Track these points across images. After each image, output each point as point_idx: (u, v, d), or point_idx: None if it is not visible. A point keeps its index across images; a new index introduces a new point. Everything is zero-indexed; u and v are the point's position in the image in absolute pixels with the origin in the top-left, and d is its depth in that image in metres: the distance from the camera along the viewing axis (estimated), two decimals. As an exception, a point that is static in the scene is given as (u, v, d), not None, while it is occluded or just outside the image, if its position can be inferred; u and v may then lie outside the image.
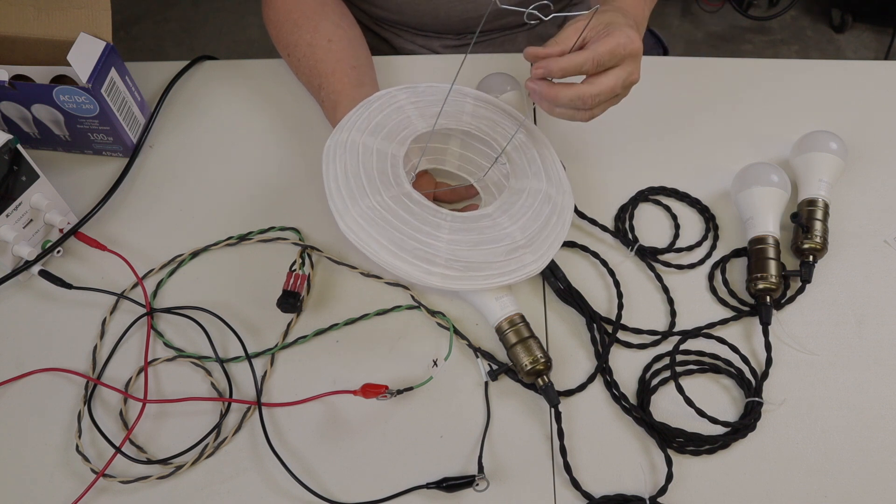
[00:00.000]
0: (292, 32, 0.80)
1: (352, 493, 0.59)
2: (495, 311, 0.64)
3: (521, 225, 0.65)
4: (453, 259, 0.62)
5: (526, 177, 0.69)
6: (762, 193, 0.69)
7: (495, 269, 0.63)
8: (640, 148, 0.79)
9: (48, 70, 0.74)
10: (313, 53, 0.78)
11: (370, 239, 0.62)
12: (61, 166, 0.79)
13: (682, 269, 0.71)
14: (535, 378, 0.61)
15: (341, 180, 0.64)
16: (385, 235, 0.62)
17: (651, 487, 0.59)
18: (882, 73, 0.85)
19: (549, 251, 0.66)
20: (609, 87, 0.62)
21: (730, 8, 2.14)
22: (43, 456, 0.61)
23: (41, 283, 0.70)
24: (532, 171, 0.69)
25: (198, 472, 0.60)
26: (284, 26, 0.81)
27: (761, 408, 0.62)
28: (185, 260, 0.72)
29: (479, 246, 0.63)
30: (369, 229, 0.62)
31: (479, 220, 0.65)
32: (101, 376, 0.65)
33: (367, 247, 0.62)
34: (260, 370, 0.65)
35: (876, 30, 2.11)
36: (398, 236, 0.62)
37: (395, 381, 0.64)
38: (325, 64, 0.77)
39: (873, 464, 0.60)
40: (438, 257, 0.62)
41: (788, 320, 0.67)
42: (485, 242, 0.63)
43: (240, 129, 0.82)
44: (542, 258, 0.65)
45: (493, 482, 0.59)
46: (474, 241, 0.63)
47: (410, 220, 0.63)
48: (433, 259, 0.62)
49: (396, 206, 0.63)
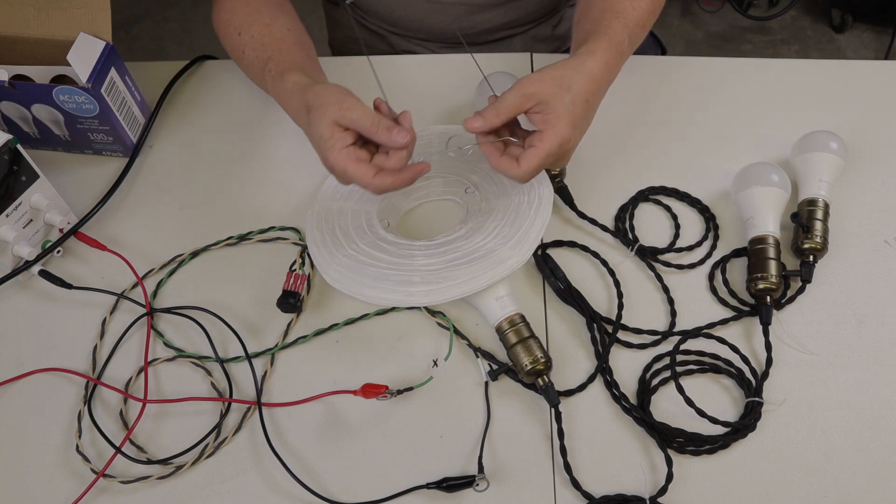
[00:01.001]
0: (250, 14, 0.76)
1: (352, 493, 0.59)
2: (495, 311, 0.64)
3: (494, 236, 0.66)
4: (430, 273, 0.64)
5: (496, 197, 0.69)
6: (762, 193, 0.69)
7: (474, 273, 0.63)
8: (640, 148, 0.79)
9: (48, 70, 0.74)
10: (270, 32, 0.75)
11: (352, 282, 0.65)
12: (61, 166, 0.79)
13: (683, 269, 0.71)
14: (535, 378, 0.61)
15: (319, 241, 0.69)
16: (365, 274, 0.65)
17: (651, 487, 0.59)
18: (882, 73, 0.85)
19: (529, 243, 0.65)
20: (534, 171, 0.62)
21: (730, 8, 2.14)
22: (43, 456, 0.61)
23: (41, 283, 0.70)
24: (500, 190, 0.70)
25: (198, 472, 0.60)
26: (242, 11, 0.77)
27: (761, 408, 0.62)
28: (185, 260, 0.72)
29: (454, 263, 0.64)
30: (350, 274, 0.65)
31: (451, 243, 0.66)
32: (101, 376, 0.65)
33: (350, 289, 0.65)
34: (260, 370, 0.65)
35: (876, 30, 2.10)
36: (377, 272, 0.65)
37: (395, 381, 0.64)
38: (281, 42, 0.74)
39: (873, 464, 0.60)
40: (415, 277, 0.64)
41: (788, 320, 0.67)
42: (460, 259, 0.64)
43: (240, 129, 0.82)
44: (523, 250, 0.64)
45: (493, 482, 0.59)
46: (449, 260, 0.64)
47: (385, 257, 0.66)
48: (410, 280, 0.63)
49: (371, 249, 0.67)
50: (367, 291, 0.64)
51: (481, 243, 0.65)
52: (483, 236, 0.66)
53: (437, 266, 0.64)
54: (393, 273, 0.64)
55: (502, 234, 0.65)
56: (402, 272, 0.64)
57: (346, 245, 0.68)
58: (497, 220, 0.67)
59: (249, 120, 0.83)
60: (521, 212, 0.66)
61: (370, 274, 0.65)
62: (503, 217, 0.67)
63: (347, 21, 1.00)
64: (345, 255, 0.67)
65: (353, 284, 0.65)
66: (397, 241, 0.68)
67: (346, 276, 0.66)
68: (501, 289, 0.64)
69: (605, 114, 0.82)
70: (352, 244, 0.68)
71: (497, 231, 0.66)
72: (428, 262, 0.65)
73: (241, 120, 0.83)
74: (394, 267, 0.65)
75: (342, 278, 0.66)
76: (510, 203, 0.68)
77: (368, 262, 0.66)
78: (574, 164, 0.76)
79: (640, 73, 0.86)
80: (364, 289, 0.64)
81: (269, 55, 0.73)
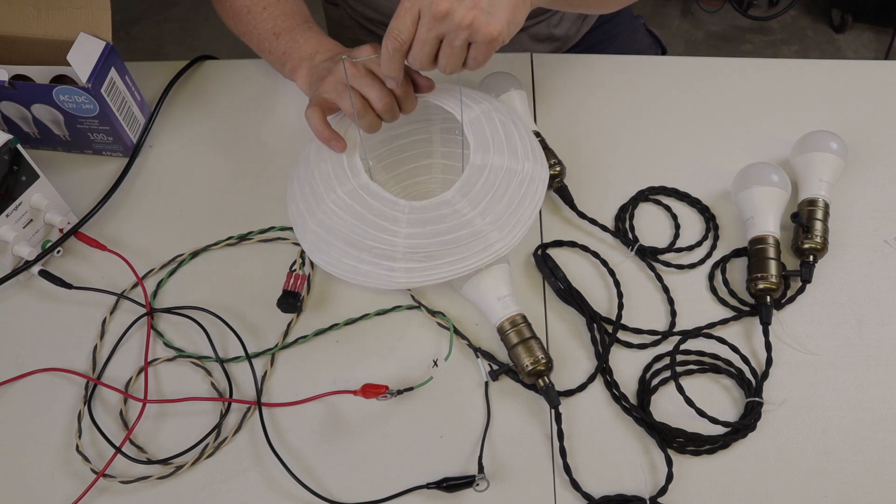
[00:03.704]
0: None
1: (352, 493, 0.59)
2: (497, 311, 0.64)
3: (482, 209, 0.62)
4: (412, 252, 0.61)
5: (487, 151, 0.65)
6: (762, 193, 0.69)
7: (459, 254, 0.61)
8: (640, 148, 0.79)
9: (48, 70, 0.74)
10: (279, 4, 0.77)
11: (329, 248, 0.62)
12: (61, 166, 0.79)
13: (683, 269, 0.70)
14: (535, 379, 0.61)
15: (298, 196, 0.65)
16: (342, 239, 0.62)
17: (651, 487, 0.59)
18: (882, 73, 0.85)
19: (518, 228, 0.64)
20: (404, 9, 0.56)
21: (730, 8, 2.14)
22: (43, 456, 0.61)
23: (41, 283, 0.70)
24: (494, 142, 0.65)
25: (198, 472, 0.60)
26: None
27: (761, 408, 0.62)
28: (185, 260, 0.72)
29: (439, 236, 0.62)
30: (327, 237, 0.62)
31: (438, 208, 0.62)
32: (101, 376, 0.65)
33: (327, 260, 0.62)
34: (260, 370, 0.65)
35: (876, 30, 2.10)
36: (355, 237, 0.62)
37: (395, 381, 0.64)
38: (292, 18, 0.76)
39: (873, 464, 0.60)
40: (398, 252, 0.61)
41: (789, 320, 0.67)
42: (444, 233, 0.62)
43: (240, 129, 0.82)
44: (510, 235, 0.63)
45: (493, 482, 0.59)
46: (433, 233, 0.62)
47: (367, 215, 0.62)
48: (392, 255, 0.61)
49: (352, 202, 0.62)
50: (345, 261, 0.62)
51: (468, 217, 0.62)
52: (470, 207, 0.62)
53: (421, 239, 0.61)
54: (375, 245, 0.61)
55: (489, 211, 0.62)
56: (386, 246, 0.61)
57: (324, 193, 0.63)
58: (487, 187, 0.63)
59: (249, 120, 0.83)
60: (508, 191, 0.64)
61: (348, 240, 0.62)
62: (493, 186, 0.63)
63: (348, 22, 1.00)
64: (323, 213, 0.63)
65: (331, 251, 0.62)
66: (381, 193, 0.62)
67: (322, 241, 0.63)
68: (504, 288, 0.64)
69: (605, 114, 0.82)
70: (331, 192, 0.63)
71: (485, 204, 0.62)
72: (411, 232, 0.61)
73: (241, 120, 0.83)
74: (375, 236, 0.61)
75: (318, 242, 0.63)
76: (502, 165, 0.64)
77: (348, 220, 0.62)
78: (574, 164, 0.76)
79: (640, 73, 0.86)
80: (343, 258, 0.62)
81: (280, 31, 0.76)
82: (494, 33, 0.55)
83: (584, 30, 1.00)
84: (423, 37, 0.56)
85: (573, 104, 0.83)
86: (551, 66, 0.86)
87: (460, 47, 0.56)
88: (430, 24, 0.55)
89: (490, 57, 0.57)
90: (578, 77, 0.85)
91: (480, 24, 0.54)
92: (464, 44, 0.56)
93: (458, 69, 0.58)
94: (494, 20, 0.55)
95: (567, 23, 0.97)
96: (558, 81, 0.85)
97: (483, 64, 0.58)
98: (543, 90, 0.84)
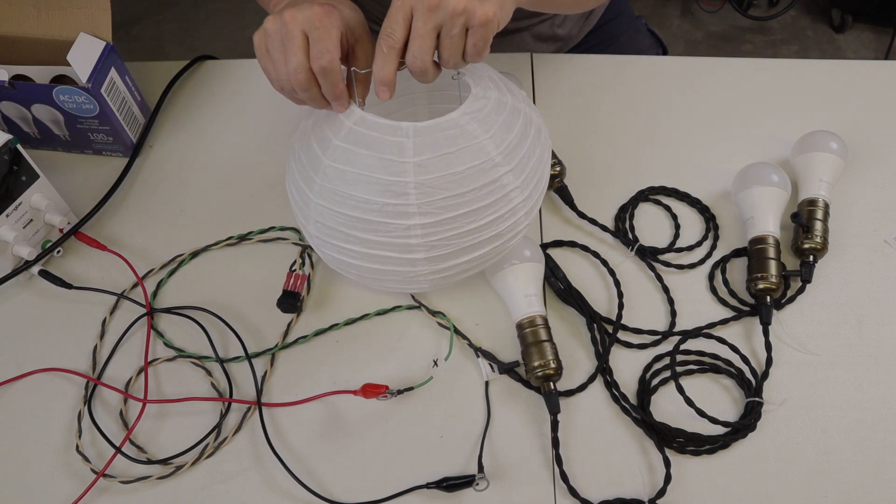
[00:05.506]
0: None
1: (352, 493, 0.59)
2: (522, 308, 0.64)
3: (494, 136, 0.57)
4: (424, 189, 0.56)
5: (488, 88, 0.60)
6: (762, 193, 0.69)
7: (478, 202, 0.57)
8: (640, 148, 0.79)
9: (48, 70, 0.74)
10: None
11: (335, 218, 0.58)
12: (61, 166, 0.79)
13: (683, 269, 0.71)
14: (542, 382, 0.61)
15: (297, 174, 0.61)
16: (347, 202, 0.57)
17: (650, 489, 0.59)
18: (882, 73, 0.85)
19: (538, 188, 0.60)
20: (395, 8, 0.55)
21: (730, 8, 2.14)
22: (43, 456, 0.61)
23: (41, 283, 0.70)
24: (494, 84, 0.62)
25: (198, 472, 0.60)
26: None
27: (761, 408, 0.62)
28: (185, 260, 0.72)
29: (450, 162, 0.56)
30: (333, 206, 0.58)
31: (445, 128, 0.56)
32: (102, 376, 0.65)
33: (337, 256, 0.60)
34: (260, 370, 0.65)
35: (876, 30, 2.10)
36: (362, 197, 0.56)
37: (395, 381, 0.64)
38: None
39: (873, 464, 0.60)
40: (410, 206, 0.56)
41: (789, 320, 0.67)
42: (456, 156, 0.56)
43: (240, 129, 0.82)
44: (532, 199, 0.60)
45: (493, 482, 0.59)
46: (444, 156, 0.56)
47: (369, 155, 0.56)
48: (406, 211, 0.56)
49: (351, 146, 0.57)
50: (357, 248, 0.59)
51: (481, 141, 0.57)
52: (482, 130, 0.57)
53: (432, 172, 0.56)
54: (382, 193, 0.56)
55: (502, 140, 0.58)
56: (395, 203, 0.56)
57: (320, 153, 0.58)
58: (494, 114, 0.59)
59: (249, 120, 0.83)
60: (517, 124, 0.60)
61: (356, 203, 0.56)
62: (500, 115, 0.59)
63: None
64: (323, 178, 0.58)
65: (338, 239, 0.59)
66: (379, 121, 0.57)
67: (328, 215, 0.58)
68: (532, 287, 0.65)
69: (605, 113, 0.82)
70: (326, 149, 0.58)
71: (496, 130, 0.58)
72: (419, 161, 0.55)
73: (241, 120, 0.83)
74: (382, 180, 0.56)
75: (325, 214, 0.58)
76: (507, 101, 0.61)
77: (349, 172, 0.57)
78: (574, 164, 0.76)
79: (640, 73, 0.86)
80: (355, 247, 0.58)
81: None
82: (490, 14, 0.55)
83: (586, 29, 1.00)
84: (421, 31, 0.56)
85: (573, 104, 0.83)
86: (551, 65, 0.86)
87: (459, 35, 0.56)
88: (425, 17, 0.55)
89: (489, 42, 0.57)
90: (578, 77, 0.85)
91: (475, 7, 0.55)
92: (461, 31, 0.56)
93: (459, 60, 0.58)
94: (487, 3, 0.56)
95: (570, 23, 0.97)
96: (558, 81, 0.85)
97: (483, 52, 0.58)
98: (543, 90, 0.84)
